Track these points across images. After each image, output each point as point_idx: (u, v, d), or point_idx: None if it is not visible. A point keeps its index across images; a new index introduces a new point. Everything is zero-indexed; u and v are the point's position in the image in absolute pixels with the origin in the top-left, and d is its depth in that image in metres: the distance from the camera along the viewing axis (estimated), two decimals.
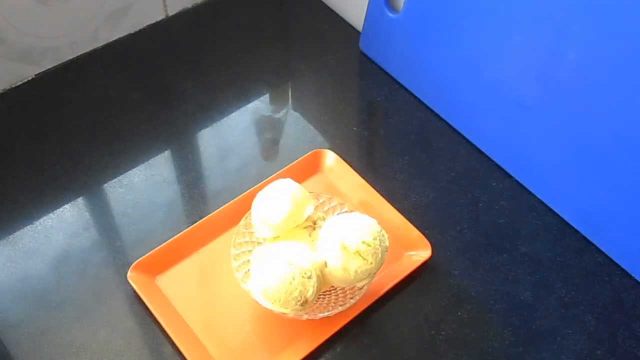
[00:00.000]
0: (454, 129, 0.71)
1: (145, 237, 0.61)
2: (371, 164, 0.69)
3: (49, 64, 0.75)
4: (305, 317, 0.55)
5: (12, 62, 0.72)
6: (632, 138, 0.56)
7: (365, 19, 0.77)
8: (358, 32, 0.80)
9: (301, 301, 0.50)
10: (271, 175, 0.65)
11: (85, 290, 0.58)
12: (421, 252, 0.60)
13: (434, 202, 0.65)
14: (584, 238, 0.63)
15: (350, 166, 0.66)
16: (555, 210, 0.65)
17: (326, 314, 0.55)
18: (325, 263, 0.52)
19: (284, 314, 0.53)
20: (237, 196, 0.63)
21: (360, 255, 0.51)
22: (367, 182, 0.65)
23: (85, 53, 0.77)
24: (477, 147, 0.70)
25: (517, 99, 0.64)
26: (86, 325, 0.56)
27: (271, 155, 0.70)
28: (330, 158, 0.67)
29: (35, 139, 0.69)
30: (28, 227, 0.62)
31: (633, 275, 0.61)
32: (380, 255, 0.53)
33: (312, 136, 0.71)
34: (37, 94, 0.73)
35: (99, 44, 0.78)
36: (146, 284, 0.58)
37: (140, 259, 0.59)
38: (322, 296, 0.57)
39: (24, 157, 0.68)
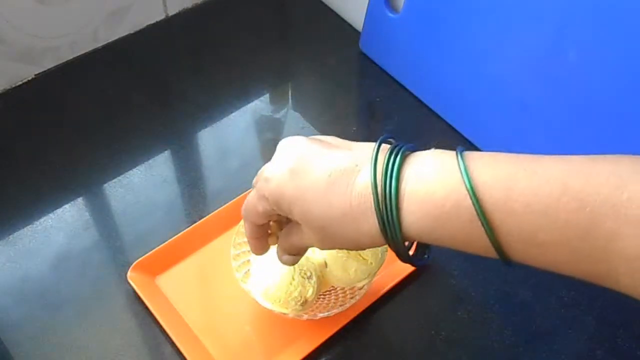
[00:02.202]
0: (454, 129, 0.71)
1: (145, 237, 0.61)
2: None
3: (49, 64, 0.75)
4: (305, 317, 0.55)
5: (12, 62, 0.72)
6: (632, 137, 0.56)
7: (365, 19, 0.77)
8: (358, 32, 0.80)
9: (301, 301, 0.50)
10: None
11: (85, 290, 0.58)
12: None
13: None
14: None
15: None
16: None
17: (326, 314, 0.55)
18: (325, 263, 0.52)
19: (284, 314, 0.53)
20: (237, 196, 0.63)
21: (360, 255, 0.51)
22: None
23: (85, 53, 0.77)
24: (477, 147, 0.69)
25: (518, 99, 0.64)
26: (86, 325, 0.56)
27: (271, 155, 0.70)
28: None
29: (35, 139, 0.69)
30: (28, 227, 0.62)
31: None
32: (380, 255, 0.53)
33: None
34: (37, 94, 0.73)
35: (99, 44, 0.78)
36: (146, 284, 0.58)
37: (140, 259, 0.59)
38: (322, 296, 0.57)
39: (24, 157, 0.68)
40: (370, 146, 0.39)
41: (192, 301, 0.58)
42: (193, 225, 0.61)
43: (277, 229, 0.47)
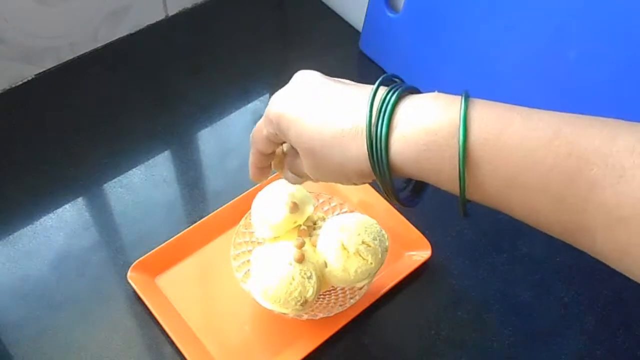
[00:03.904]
0: None
1: (145, 237, 0.61)
2: None
3: (49, 64, 0.75)
4: (305, 317, 0.55)
5: (12, 62, 0.72)
6: None
7: (365, 19, 0.77)
8: (358, 32, 0.80)
9: (301, 301, 0.50)
10: (271, 175, 0.65)
11: (85, 290, 0.58)
12: (421, 252, 0.60)
13: (433, 202, 0.65)
14: None
15: None
16: None
17: (326, 314, 0.55)
18: (325, 263, 0.52)
19: (284, 314, 0.53)
20: (237, 196, 0.63)
21: (360, 255, 0.51)
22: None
23: (85, 53, 0.77)
24: None
25: (518, 98, 0.64)
26: (86, 325, 0.56)
27: None
28: None
29: (35, 139, 0.69)
30: (28, 227, 0.62)
31: None
32: (380, 256, 0.53)
33: None
34: (37, 94, 0.73)
35: (99, 44, 0.78)
36: (146, 284, 0.58)
37: (140, 259, 0.59)
38: (322, 296, 0.57)
39: (24, 157, 0.68)
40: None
41: (192, 301, 0.58)
42: (193, 225, 0.61)
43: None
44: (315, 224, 0.56)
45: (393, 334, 0.57)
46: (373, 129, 0.35)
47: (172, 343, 0.55)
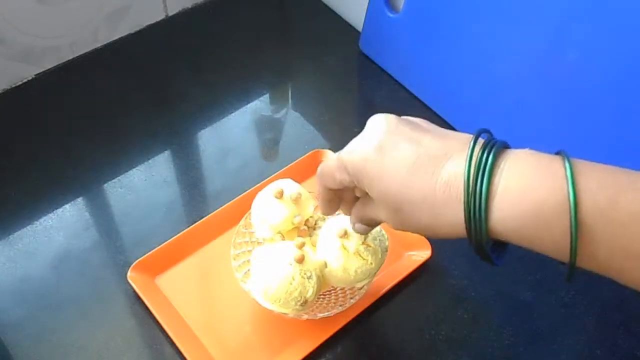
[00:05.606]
0: (454, 129, 0.71)
1: (145, 237, 0.61)
2: None
3: (49, 64, 0.75)
4: (305, 317, 0.55)
5: (12, 62, 0.72)
6: (632, 138, 0.56)
7: (365, 19, 0.77)
8: (358, 32, 0.80)
9: (301, 301, 0.50)
10: (271, 175, 0.65)
11: (85, 290, 0.58)
12: (421, 252, 0.60)
13: None
14: None
15: None
16: None
17: (326, 314, 0.55)
18: (325, 263, 0.52)
19: (284, 314, 0.53)
20: (237, 196, 0.63)
21: (360, 255, 0.51)
22: None
23: (85, 53, 0.77)
24: None
25: (517, 98, 0.64)
26: (86, 325, 0.56)
27: (271, 155, 0.70)
28: None
29: (35, 139, 0.69)
30: (28, 227, 0.62)
31: None
32: (380, 256, 0.53)
33: (312, 136, 0.71)
34: (37, 94, 0.73)
35: (99, 44, 0.78)
36: (146, 284, 0.58)
37: (140, 259, 0.59)
38: (322, 296, 0.57)
39: (24, 157, 0.68)
40: (462, 137, 0.38)
41: (192, 301, 0.58)
42: (193, 225, 0.61)
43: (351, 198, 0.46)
44: (315, 223, 0.56)
45: (393, 334, 0.57)
46: (470, 198, 0.34)
47: (172, 343, 0.55)
